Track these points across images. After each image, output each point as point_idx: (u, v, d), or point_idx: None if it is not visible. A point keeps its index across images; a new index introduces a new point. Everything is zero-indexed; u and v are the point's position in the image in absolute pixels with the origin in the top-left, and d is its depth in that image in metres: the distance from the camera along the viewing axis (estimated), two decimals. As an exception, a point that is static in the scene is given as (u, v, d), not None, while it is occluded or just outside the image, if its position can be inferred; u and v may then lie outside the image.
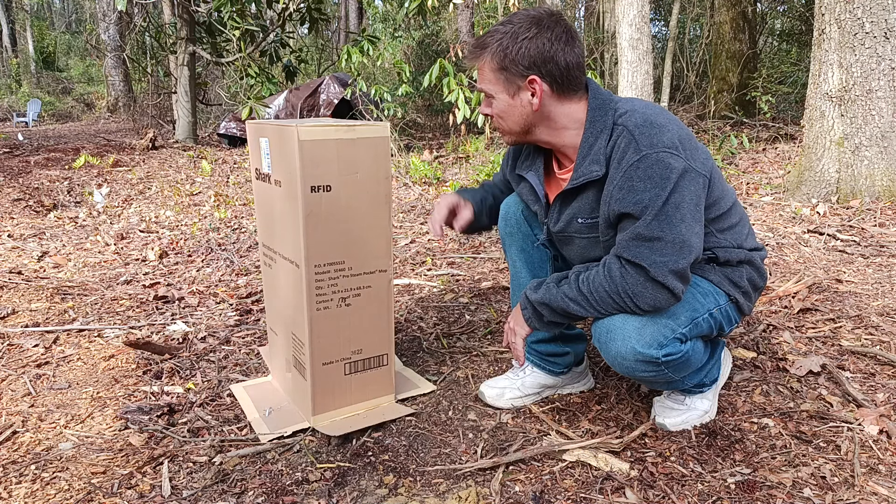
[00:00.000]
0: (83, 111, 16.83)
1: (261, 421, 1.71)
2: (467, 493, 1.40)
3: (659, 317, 1.42)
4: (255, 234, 3.91)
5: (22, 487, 1.45)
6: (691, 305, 1.46)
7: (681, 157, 1.35)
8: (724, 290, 1.53)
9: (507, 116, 1.50)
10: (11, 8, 24.32)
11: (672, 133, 1.38)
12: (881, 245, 3.15)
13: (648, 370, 1.44)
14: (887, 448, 1.52)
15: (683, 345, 1.45)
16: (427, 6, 6.06)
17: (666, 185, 1.33)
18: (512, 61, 1.42)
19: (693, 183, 1.37)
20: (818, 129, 4.06)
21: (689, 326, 1.45)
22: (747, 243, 1.57)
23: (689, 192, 1.36)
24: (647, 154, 1.35)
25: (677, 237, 1.34)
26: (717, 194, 1.50)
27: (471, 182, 5.32)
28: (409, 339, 2.30)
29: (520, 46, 1.41)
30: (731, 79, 9.07)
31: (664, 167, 1.34)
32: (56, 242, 3.84)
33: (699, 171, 1.39)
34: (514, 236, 1.78)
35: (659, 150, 1.35)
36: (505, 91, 1.47)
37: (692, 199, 1.37)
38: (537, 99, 1.45)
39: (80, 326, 2.41)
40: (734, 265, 1.55)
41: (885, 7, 3.73)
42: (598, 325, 1.47)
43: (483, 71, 1.48)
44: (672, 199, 1.34)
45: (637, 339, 1.40)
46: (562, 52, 1.41)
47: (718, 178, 1.51)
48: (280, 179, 1.63)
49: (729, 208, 1.54)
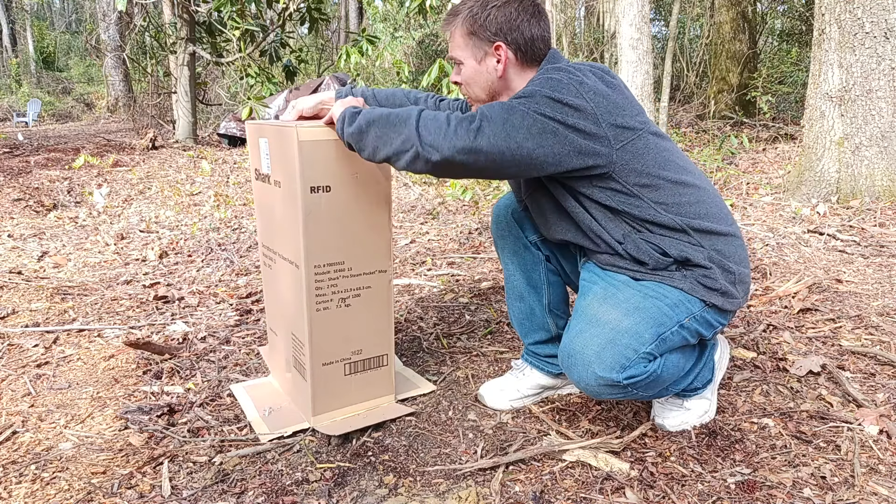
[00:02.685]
0: (83, 111, 16.82)
1: (261, 421, 1.71)
2: (467, 493, 1.40)
3: (620, 337, 1.37)
4: (255, 234, 3.91)
5: (22, 487, 1.45)
6: (657, 321, 1.40)
7: (553, 110, 1.34)
8: (698, 297, 1.45)
9: (474, 82, 1.56)
10: (11, 8, 24.33)
11: (576, 83, 1.36)
12: (881, 245, 3.15)
13: (615, 392, 1.40)
14: (887, 448, 1.52)
15: (651, 363, 1.40)
16: (427, 6, 6.05)
17: (514, 110, 1.34)
18: (481, 26, 1.50)
19: (557, 124, 1.34)
20: (818, 129, 4.06)
21: (654, 343, 1.39)
22: (702, 223, 1.45)
23: (562, 113, 1.34)
24: (531, 88, 1.37)
25: (516, 123, 1.33)
26: (652, 161, 1.43)
27: (470, 182, 5.31)
28: (409, 339, 2.30)
29: (488, 13, 1.49)
30: (731, 79, 9.07)
31: (552, 89, 1.35)
32: (56, 242, 3.84)
33: (582, 126, 1.35)
34: (505, 238, 1.78)
35: (541, 94, 1.35)
36: (473, 56, 1.53)
37: (560, 118, 1.34)
38: (502, 65, 1.51)
39: (80, 326, 2.41)
40: (705, 266, 1.45)
41: (885, 7, 3.73)
42: (561, 350, 1.44)
43: (454, 37, 1.55)
44: (513, 120, 1.33)
45: (597, 363, 1.36)
46: (527, 22, 1.49)
47: (660, 148, 1.45)
48: (280, 180, 1.63)
49: (674, 182, 1.44)
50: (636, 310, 1.41)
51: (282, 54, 9.23)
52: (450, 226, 4.09)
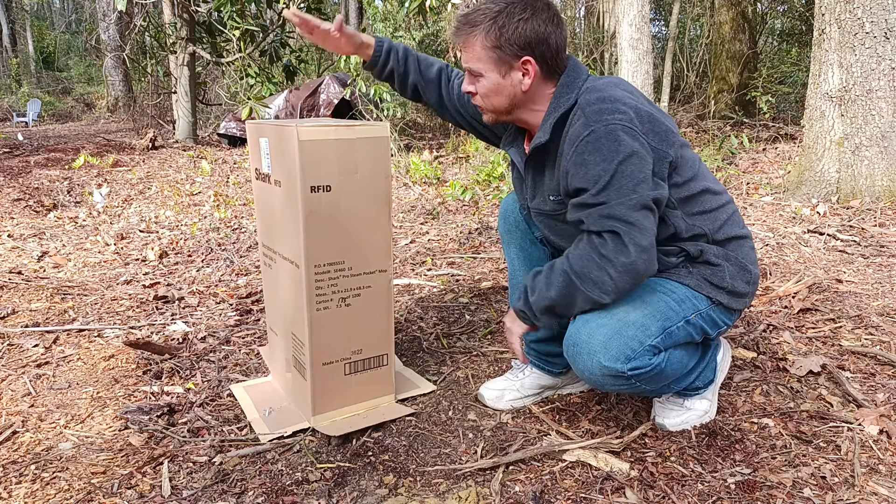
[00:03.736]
0: (83, 111, 16.81)
1: (261, 421, 1.71)
2: (467, 493, 1.40)
3: (626, 328, 1.38)
4: (255, 234, 3.90)
5: (22, 487, 1.45)
6: (664, 314, 1.42)
7: (633, 128, 1.34)
8: (705, 294, 1.47)
9: (494, 95, 1.49)
10: (11, 8, 24.32)
11: (627, 106, 1.36)
12: (881, 245, 3.15)
13: (618, 384, 1.41)
14: (887, 448, 1.52)
15: (655, 357, 1.41)
16: (427, 6, 6.05)
17: (614, 157, 1.32)
18: (507, 40, 1.42)
19: (645, 152, 1.35)
20: (818, 129, 4.06)
21: (660, 337, 1.40)
22: (727, 230, 1.51)
23: (640, 162, 1.33)
24: (596, 128, 1.34)
25: (628, 200, 1.32)
26: (687, 175, 1.46)
27: (470, 182, 5.32)
28: (409, 339, 2.30)
29: (516, 26, 1.41)
30: (731, 79, 9.06)
31: (612, 139, 1.33)
32: (56, 242, 3.84)
33: (652, 144, 1.36)
34: (512, 234, 1.78)
35: (609, 123, 1.34)
36: (496, 70, 1.46)
37: (644, 167, 1.34)
38: (529, 80, 1.46)
39: (80, 326, 2.41)
40: (713, 264, 1.48)
41: (885, 7, 3.72)
42: (566, 340, 1.45)
43: (472, 48, 1.46)
44: (622, 169, 1.32)
45: (603, 353, 1.37)
46: (554, 34, 1.43)
47: (690, 160, 1.48)
48: (280, 179, 1.63)
49: (700, 191, 1.48)
50: (643, 303, 1.42)
51: (282, 54, 9.23)
52: (450, 226, 4.09)
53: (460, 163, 6.72)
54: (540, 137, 1.46)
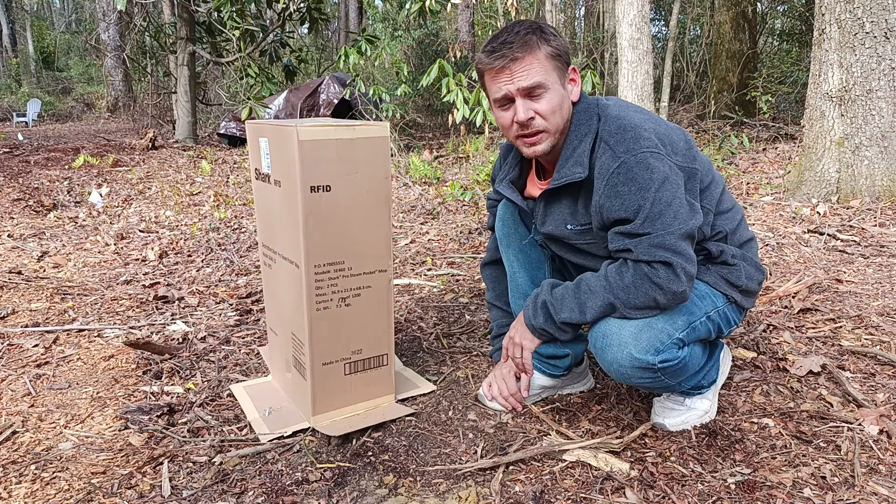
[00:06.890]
0: (83, 111, 16.82)
1: (261, 421, 1.71)
2: (467, 493, 1.40)
3: (655, 321, 1.41)
4: (255, 234, 3.90)
5: (22, 487, 1.45)
6: (688, 309, 1.46)
7: (660, 153, 1.37)
8: (722, 292, 1.52)
9: (559, 110, 1.44)
10: (11, 8, 24.32)
11: (648, 131, 1.38)
12: (881, 245, 3.15)
13: (645, 376, 1.43)
14: (887, 448, 1.52)
15: (681, 350, 1.44)
16: (427, 7, 6.06)
17: (650, 185, 1.34)
18: (563, 49, 1.43)
19: (675, 176, 1.38)
20: (818, 129, 4.06)
21: (686, 331, 1.44)
22: (741, 233, 1.57)
23: (674, 186, 1.37)
24: (626, 159, 1.36)
25: (675, 229, 1.35)
26: (707, 181, 1.50)
27: (470, 182, 5.32)
28: (409, 339, 2.30)
29: (556, 37, 1.43)
30: (731, 79, 9.07)
31: (644, 167, 1.35)
32: (56, 242, 3.84)
33: (679, 164, 1.40)
34: (511, 237, 1.79)
35: (637, 153, 1.36)
36: (559, 80, 1.44)
37: (678, 191, 1.37)
38: (579, 88, 1.48)
39: (80, 326, 2.41)
40: (730, 264, 1.53)
41: (885, 7, 3.72)
42: (594, 331, 1.46)
43: (535, 61, 1.40)
44: (660, 197, 1.35)
45: (634, 344, 1.39)
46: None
47: (707, 166, 1.52)
48: (280, 179, 1.63)
49: (720, 194, 1.54)
50: None
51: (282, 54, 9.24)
52: (450, 226, 4.09)
53: (460, 163, 6.72)
54: (578, 173, 1.43)
